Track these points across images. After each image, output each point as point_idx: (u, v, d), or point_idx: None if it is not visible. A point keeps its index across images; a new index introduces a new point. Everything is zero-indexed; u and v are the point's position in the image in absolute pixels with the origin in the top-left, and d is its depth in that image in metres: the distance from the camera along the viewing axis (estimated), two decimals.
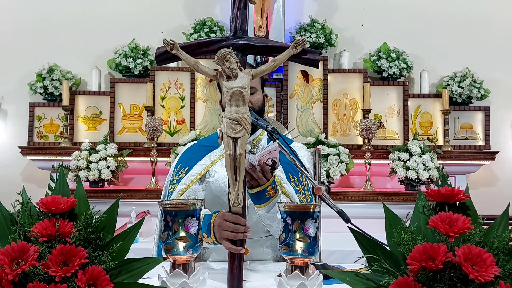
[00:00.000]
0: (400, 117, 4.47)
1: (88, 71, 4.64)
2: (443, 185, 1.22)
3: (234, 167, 1.41)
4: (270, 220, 1.86)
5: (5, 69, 4.68)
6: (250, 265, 1.92)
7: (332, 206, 1.53)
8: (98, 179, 4.08)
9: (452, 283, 0.98)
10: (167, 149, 4.23)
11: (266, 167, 1.72)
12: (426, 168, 4.01)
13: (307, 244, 1.36)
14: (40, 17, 4.72)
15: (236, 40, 1.58)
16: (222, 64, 1.40)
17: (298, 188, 2.01)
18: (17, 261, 1.02)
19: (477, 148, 4.49)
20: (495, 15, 4.67)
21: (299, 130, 4.36)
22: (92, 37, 4.69)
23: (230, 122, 1.39)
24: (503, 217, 1.13)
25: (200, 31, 4.50)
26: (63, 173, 1.27)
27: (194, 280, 1.35)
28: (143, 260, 1.15)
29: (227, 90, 1.41)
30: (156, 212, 2.08)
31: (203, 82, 4.45)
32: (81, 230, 1.13)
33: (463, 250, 0.99)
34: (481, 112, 4.53)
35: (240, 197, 1.44)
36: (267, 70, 1.49)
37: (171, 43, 1.44)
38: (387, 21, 4.69)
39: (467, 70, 4.52)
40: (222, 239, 1.57)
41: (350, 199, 3.98)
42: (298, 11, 4.72)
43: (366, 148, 4.17)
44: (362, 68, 4.55)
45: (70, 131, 4.47)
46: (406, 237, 1.08)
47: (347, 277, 1.10)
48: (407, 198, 3.97)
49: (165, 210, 1.36)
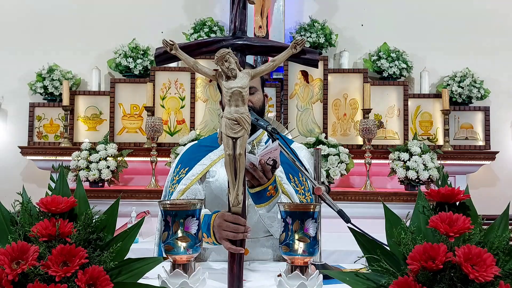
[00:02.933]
0: (400, 117, 4.47)
1: (88, 71, 4.64)
2: (443, 185, 1.21)
3: (233, 167, 1.41)
4: (270, 220, 1.86)
5: (5, 69, 4.68)
6: (250, 265, 1.91)
7: (332, 206, 1.53)
8: (98, 179, 4.08)
9: (452, 283, 0.98)
10: (167, 149, 4.23)
11: (267, 167, 1.72)
12: (426, 168, 4.01)
13: (307, 244, 1.36)
14: (40, 17, 4.73)
15: (235, 40, 1.58)
16: (222, 64, 1.40)
17: (298, 189, 2.01)
18: (17, 261, 1.02)
19: (477, 148, 4.49)
20: (495, 15, 4.67)
21: (299, 130, 4.36)
22: (92, 37, 4.69)
23: (230, 122, 1.39)
24: (503, 217, 1.13)
25: (200, 31, 4.50)
26: (63, 173, 1.27)
27: (194, 280, 1.35)
28: (143, 260, 1.15)
29: (227, 90, 1.41)
30: (156, 212, 2.08)
31: (203, 82, 4.45)
32: (81, 230, 1.13)
33: (463, 250, 0.99)
34: (481, 112, 4.53)
35: (240, 197, 1.44)
36: (266, 70, 1.48)
37: (171, 44, 1.44)
38: (387, 21, 4.69)
39: (467, 70, 4.52)
40: (222, 239, 1.57)
41: (350, 199, 3.98)
42: (298, 11, 4.72)
43: (366, 148, 4.17)
44: (362, 68, 4.55)
45: (70, 131, 4.47)
46: (406, 237, 1.08)
47: (347, 277, 1.10)
48: (407, 198, 3.97)
49: (165, 210, 1.36)
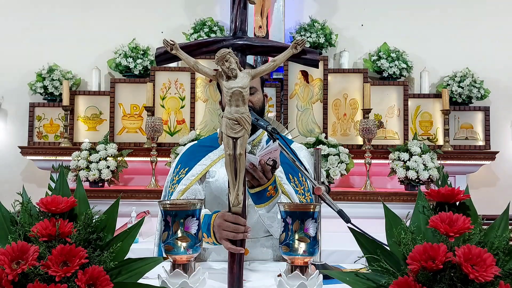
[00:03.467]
0: (400, 117, 4.47)
1: (88, 71, 4.64)
2: (443, 185, 1.21)
3: (234, 167, 1.40)
4: (270, 220, 1.86)
5: (5, 69, 4.68)
6: (250, 265, 1.91)
7: (332, 206, 1.53)
8: (98, 179, 4.08)
9: (452, 283, 0.98)
10: (167, 149, 4.23)
11: (267, 167, 1.72)
12: (426, 168, 4.01)
13: (307, 244, 1.36)
14: (40, 17, 4.72)
15: (236, 40, 1.58)
16: (222, 64, 1.40)
17: (298, 189, 2.01)
18: (17, 261, 1.02)
19: (477, 148, 4.49)
20: (495, 15, 4.67)
21: (299, 130, 4.36)
22: (92, 37, 4.69)
23: (230, 122, 1.39)
24: (503, 217, 1.13)
25: (200, 31, 4.50)
26: (63, 173, 1.27)
27: (194, 280, 1.35)
28: (143, 260, 1.15)
29: (227, 90, 1.41)
30: (156, 212, 2.08)
31: (203, 82, 4.45)
32: (81, 230, 1.13)
33: (463, 250, 0.99)
34: (481, 112, 4.53)
35: (240, 197, 1.44)
36: (267, 70, 1.48)
37: (171, 43, 1.44)
38: (387, 21, 4.69)
39: (467, 70, 4.52)
40: (222, 239, 1.57)
41: (350, 199, 3.98)
42: (298, 11, 4.72)
43: (366, 148, 4.17)
44: (362, 68, 4.55)
45: (70, 131, 4.47)
46: (406, 237, 1.08)
47: (347, 277, 1.10)
48: (407, 198, 3.97)
49: (165, 210, 1.36)
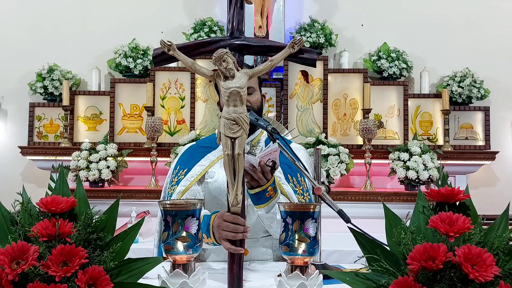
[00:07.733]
0: (400, 117, 4.47)
1: (88, 71, 4.64)
2: (443, 185, 1.21)
3: (232, 167, 1.41)
4: (269, 221, 1.86)
5: (5, 69, 4.68)
6: (250, 265, 1.92)
7: (332, 206, 1.53)
8: (98, 179, 4.08)
9: (452, 283, 0.98)
10: (167, 149, 4.23)
11: (267, 168, 1.72)
12: (426, 168, 4.01)
13: (307, 244, 1.36)
14: (40, 17, 4.72)
15: (233, 40, 1.58)
16: (219, 65, 1.40)
17: (297, 189, 2.01)
18: (17, 261, 1.02)
19: (477, 148, 4.48)
20: (495, 15, 4.67)
21: (299, 130, 4.36)
22: (92, 37, 4.69)
23: (228, 122, 1.39)
24: (503, 217, 1.13)
25: (200, 31, 4.50)
26: (63, 173, 1.27)
27: (194, 280, 1.35)
28: (143, 260, 1.15)
29: (225, 90, 1.41)
30: (156, 212, 2.08)
31: (203, 82, 4.44)
32: (81, 230, 1.13)
33: (463, 250, 0.99)
34: (481, 112, 4.53)
35: (239, 197, 1.44)
36: (264, 70, 1.49)
37: (168, 44, 1.44)
38: (387, 21, 4.69)
39: (467, 70, 4.52)
40: (221, 239, 1.57)
41: (350, 199, 3.97)
42: (298, 11, 4.72)
43: (366, 148, 4.17)
44: (362, 68, 4.55)
45: (70, 131, 4.46)
46: (406, 237, 1.08)
47: (347, 277, 1.10)
48: (407, 198, 3.97)
49: (165, 210, 1.36)
